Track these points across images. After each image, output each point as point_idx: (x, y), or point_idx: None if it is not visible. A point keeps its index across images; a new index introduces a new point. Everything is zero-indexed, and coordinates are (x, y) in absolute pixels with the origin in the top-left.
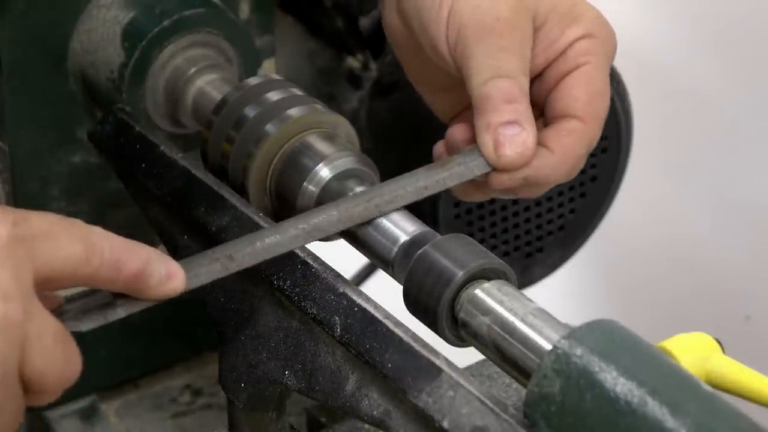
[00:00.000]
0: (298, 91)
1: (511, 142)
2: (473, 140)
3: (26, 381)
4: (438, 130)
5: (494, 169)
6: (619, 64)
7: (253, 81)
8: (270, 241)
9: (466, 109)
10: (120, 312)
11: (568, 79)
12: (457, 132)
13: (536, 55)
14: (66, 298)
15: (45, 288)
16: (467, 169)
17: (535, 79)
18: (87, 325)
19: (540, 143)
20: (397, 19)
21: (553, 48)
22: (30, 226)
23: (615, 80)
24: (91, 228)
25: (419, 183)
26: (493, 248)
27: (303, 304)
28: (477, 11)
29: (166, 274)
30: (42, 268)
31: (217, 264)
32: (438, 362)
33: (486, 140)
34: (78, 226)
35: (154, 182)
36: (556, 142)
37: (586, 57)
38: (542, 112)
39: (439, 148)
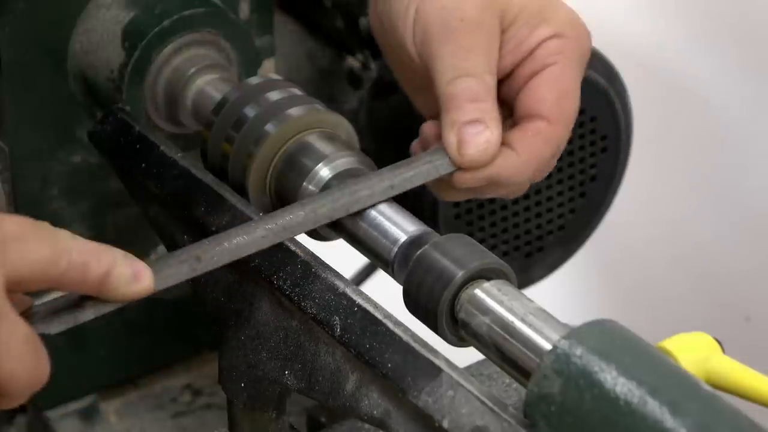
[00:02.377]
0: (298, 91)
1: (474, 141)
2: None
3: None
4: None
5: (458, 167)
6: (619, 64)
7: (253, 81)
8: (238, 242)
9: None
10: (89, 314)
11: (536, 79)
12: (428, 129)
13: (504, 55)
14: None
15: (13, 291)
16: (433, 167)
17: (505, 79)
18: (57, 328)
19: (505, 143)
20: (376, 19)
21: (522, 48)
22: (1, 229)
23: (614, 80)
24: (57, 231)
25: (385, 182)
26: (493, 248)
27: (303, 304)
28: (442, 12)
29: (133, 275)
30: (11, 271)
31: (185, 265)
32: (438, 362)
33: (450, 139)
34: (45, 228)
35: (154, 182)
36: (521, 143)
37: (554, 57)
38: (510, 112)
39: (415, 145)
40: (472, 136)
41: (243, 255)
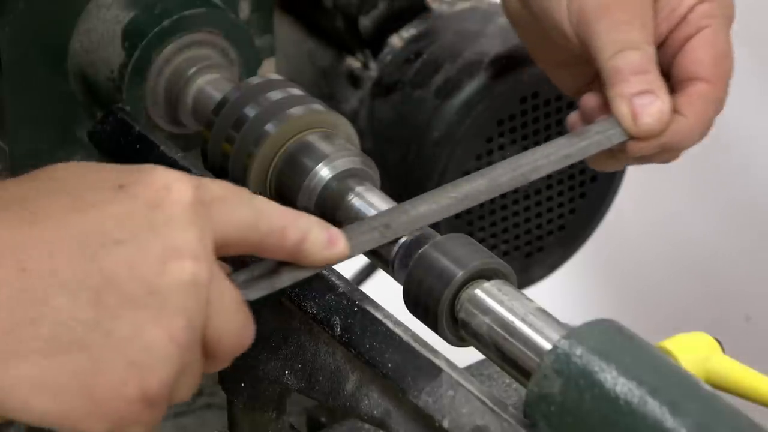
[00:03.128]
0: (298, 91)
1: (647, 111)
2: (606, 107)
3: (204, 344)
4: (439, 130)
5: (632, 137)
6: None
7: (253, 81)
8: (424, 210)
9: (591, 82)
10: (285, 280)
11: (691, 42)
12: (590, 100)
13: (658, 23)
14: None
15: (218, 254)
16: (605, 137)
17: (659, 46)
18: (255, 294)
19: (672, 109)
20: (516, 2)
21: (674, 14)
22: (208, 190)
23: None
24: (256, 196)
25: (561, 152)
26: (493, 248)
27: (303, 304)
28: None
29: (328, 240)
30: (218, 232)
31: (375, 232)
32: (438, 362)
33: (623, 110)
34: (246, 193)
35: None
36: (689, 107)
37: (706, 20)
38: (668, 78)
39: (573, 117)
40: (644, 107)
41: (429, 222)
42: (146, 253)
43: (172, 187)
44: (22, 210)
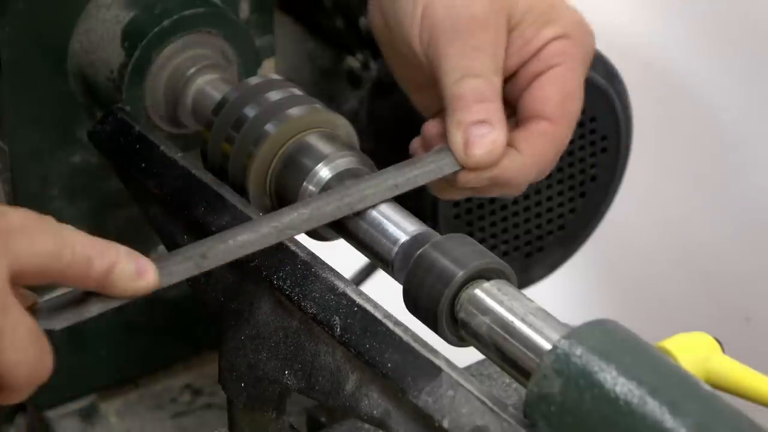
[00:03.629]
0: (298, 91)
1: (480, 142)
2: (446, 136)
3: None
4: None
5: (463, 168)
6: (619, 64)
7: (253, 81)
8: (242, 239)
9: (442, 108)
10: (93, 310)
11: (541, 79)
12: (431, 127)
13: (510, 55)
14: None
15: (16, 284)
16: (437, 167)
17: (509, 79)
18: (61, 324)
19: (509, 144)
20: (378, 17)
21: (527, 48)
22: (6, 219)
23: (615, 80)
24: (61, 225)
25: (389, 181)
26: (493, 248)
27: (303, 304)
28: (450, 11)
29: (136, 272)
30: (15, 263)
31: (190, 262)
32: (438, 362)
33: (456, 139)
34: (49, 222)
35: (154, 182)
36: (525, 143)
37: (559, 58)
38: (514, 112)
39: (415, 143)
40: (478, 137)
41: (248, 252)
42: None
43: None
44: None
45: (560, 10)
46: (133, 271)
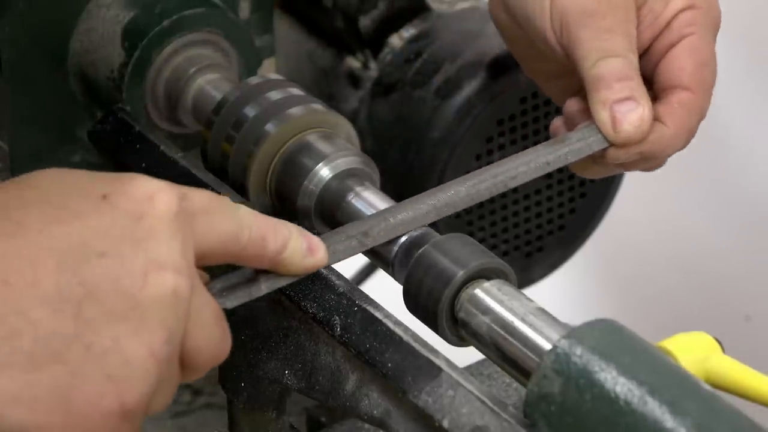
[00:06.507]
0: (298, 91)
1: (628, 118)
2: (589, 112)
3: (182, 356)
4: (439, 130)
5: (612, 144)
6: None
7: (253, 81)
8: (402, 217)
9: (579, 92)
10: (263, 288)
11: (674, 50)
12: (572, 105)
13: (642, 31)
14: None
15: (198, 264)
16: (586, 144)
17: (643, 54)
18: (233, 302)
19: (654, 117)
20: (503, 13)
21: (657, 22)
22: (192, 201)
23: None
24: (238, 205)
25: (541, 159)
26: (493, 248)
27: (303, 303)
28: None
29: (308, 249)
30: (201, 244)
31: (354, 240)
32: (438, 362)
33: (603, 117)
34: (227, 202)
35: None
36: (669, 115)
37: (689, 28)
38: (651, 86)
39: (556, 123)
40: (624, 114)
41: (409, 230)
42: (128, 266)
43: (155, 198)
44: (3, 220)
45: None
46: (305, 248)
